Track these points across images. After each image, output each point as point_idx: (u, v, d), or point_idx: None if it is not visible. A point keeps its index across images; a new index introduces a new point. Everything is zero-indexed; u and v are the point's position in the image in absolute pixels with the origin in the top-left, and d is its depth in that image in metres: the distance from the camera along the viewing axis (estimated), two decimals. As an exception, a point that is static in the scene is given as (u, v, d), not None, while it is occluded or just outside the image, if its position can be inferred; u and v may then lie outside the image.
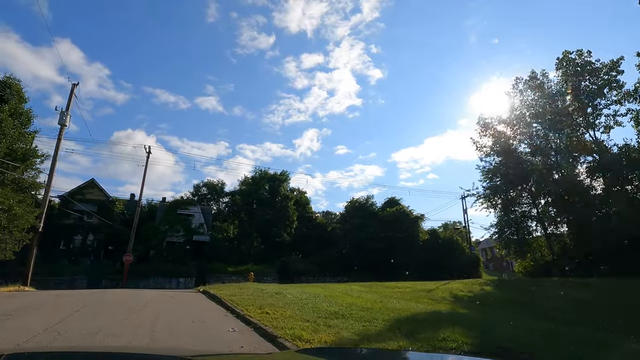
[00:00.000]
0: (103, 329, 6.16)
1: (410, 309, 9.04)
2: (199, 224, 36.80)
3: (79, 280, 27.53)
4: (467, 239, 44.70)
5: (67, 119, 18.68)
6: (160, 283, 29.84)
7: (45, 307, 8.88)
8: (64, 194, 32.91)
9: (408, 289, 16.80)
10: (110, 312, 8.42)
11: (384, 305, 9.47)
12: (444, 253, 39.82)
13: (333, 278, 36.88)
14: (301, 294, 12.11)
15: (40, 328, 6.11)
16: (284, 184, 45.42)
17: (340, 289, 15.31)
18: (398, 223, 39.73)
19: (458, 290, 16.12)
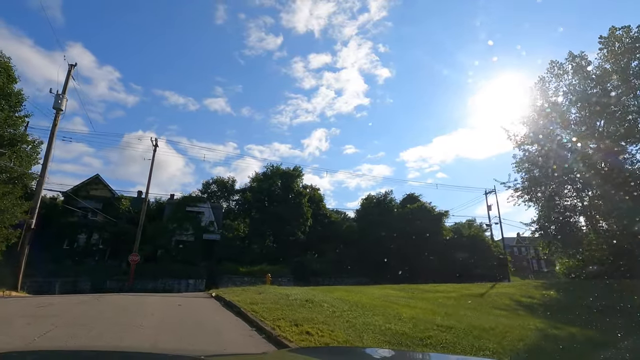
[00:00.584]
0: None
1: (509, 328, 6.65)
2: (208, 222, 34.75)
3: (83, 282, 25.67)
4: (491, 237, 41.95)
5: (63, 102, 16.67)
6: (168, 284, 27.83)
7: (7, 324, 6.67)
8: (68, 191, 31.15)
9: (453, 293, 14.40)
10: (97, 332, 6.20)
11: (462, 320, 7.13)
12: (469, 252, 37.15)
13: (351, 279, 34.55)
14: (338, 302, 9.81)
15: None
16: (297, 180, 43.16)
17: (377, 295, 12.97)
18: (419, 220, 37.20)
19: (516, 295, 13.63)
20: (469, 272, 35.48)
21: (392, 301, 10.66)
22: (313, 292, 13.28)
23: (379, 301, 10.36)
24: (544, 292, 14.31)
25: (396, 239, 36.20)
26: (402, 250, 35.64)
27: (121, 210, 32.27)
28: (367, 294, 13.37)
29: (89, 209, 31.35)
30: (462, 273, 35.21)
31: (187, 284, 28.40)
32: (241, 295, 12.45)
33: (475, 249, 37.61)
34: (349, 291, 14.51)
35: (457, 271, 35.35)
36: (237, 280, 30.05)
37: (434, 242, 36.17)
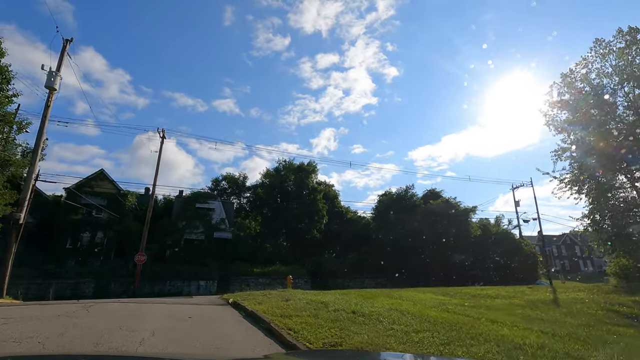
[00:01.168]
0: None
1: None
2: (219, 219, 32.65)
3: (85, 284, 23.73)
4: (520, 234, 39.05)
5: (56, 81, 14.60)
6: (177, 287, 25.75)
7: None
8: (70, 187, 29.31)
9: (515, 299, 11.91)
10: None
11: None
12: (498, 251, 34.39)
13: (372, 280, 32.14)
14: (395, 314, 7.52)
15: None
16: (311, 176, 40.85)
17: (430, 302, 10.60)
18: (444, 217, 34.54)
19: (598, 302, 11.07)
20: (502, 273, 32.77)
21: (461, 312, 8.27)
22: (350, 299, 10.95)
23: (449, 314, 7.98)
24: (631, 298, 11.70)
25: (418, 237, 33.61)
26: (425, 249, 33.07)
27: (127, 207, 30.34)
28: (415, 301, 10.99)
29: (93, 206, 29.48)
30: (495, 274, 32.51)
31: (197, 286, 26.32)
32: (265, 302, 10.18)
33: (504, 248, 34.82)
34: (390, 297, 12.13)
35: (488, 272, 32.68)
36: (250, 281, 27.89)
37: (461, 240, 33.50)
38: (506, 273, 33.18)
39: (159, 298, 17.51)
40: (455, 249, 33.18)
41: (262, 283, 28.10)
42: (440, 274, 31.66)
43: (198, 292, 26.09)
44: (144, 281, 24.96)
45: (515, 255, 34.78)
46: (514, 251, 35.11)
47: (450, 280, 30.77)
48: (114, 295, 23.81)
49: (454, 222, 34.09)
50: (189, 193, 33.40)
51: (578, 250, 73.63)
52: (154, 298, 18.18)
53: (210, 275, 27.17)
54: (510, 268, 33.93)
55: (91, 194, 29.27)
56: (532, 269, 35.40)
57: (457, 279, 31.40)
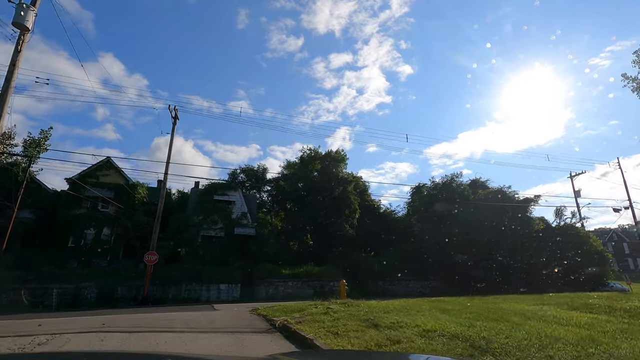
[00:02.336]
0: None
1: None
2: (240, 213, 28.71)
3: (88, 289, 20.06)
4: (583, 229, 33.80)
5: (29, 16, 10.71)
6: (195, 291, 21.87)
7: None
8: (73, 177, 25.81)
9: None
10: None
11: None
12: (563, 249, 29.36)
13: (418, 283, 27.65)
14: None
15: None
16: (340, 165, 36.52)
17: (571, 321, 6.21)
18: (499, 209, 29.75)
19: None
20: (569, 274, 27.81)
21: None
22: (462, 319, 6.61)
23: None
24: None
25: (469, 233, 28.90)
26: (477, 247, 28.34)
27: (137, 200, 26.66)
28: (548, 319, 6.66)
29: (98, 199, 25.91)
30: (560, 275, 27.59)
31: (217, 290, 22.36)
32: (341, 331, 5.96)
33: (569, 245, 29.76)
34: (508, 314, 7.72)
35: (552, 273, 27.74)
36: (279, 285, 23.80)
37: (520, 236, 28.65)
38: (572, 274, 28.19)
39: (172, 311, 13.52)
40: (513, 246, 28.36)
41: (293, 287, 23.99)
42: (495, 276, 26.95)
43: (219, 297, 22.14)
44: (155, 285, 21.17)
45: (582, 254, 29.68)
46: (580, 248, 30.00)
47: (513, 284, 26.04)
48: (120, 302, 20.08)
49: (511, 215, 29.27)
50: (206, 184, 29.52)
51: (626, 248, 67.24)
52: (166, 310, 14.22)
53: (231, 277, 23.19)
54: (575, 268, 28.89)
55: (96, 186, 25.71)
56: (600, 270, 30.23)
57: (523, 282, 26.66)
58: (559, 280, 27.99)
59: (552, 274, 27.36)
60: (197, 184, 31.99)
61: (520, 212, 29.75)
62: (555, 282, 27.68)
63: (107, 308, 18.82)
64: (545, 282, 27.10)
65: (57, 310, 17.99)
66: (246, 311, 12.02)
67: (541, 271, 27.42)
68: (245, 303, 20.62)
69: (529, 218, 29.62)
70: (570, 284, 27.48)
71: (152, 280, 20.86)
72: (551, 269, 27.06)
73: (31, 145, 28.76)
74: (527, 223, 28.91)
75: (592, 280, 28.74)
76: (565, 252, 29.41)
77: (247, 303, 20.52)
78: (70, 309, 18.07)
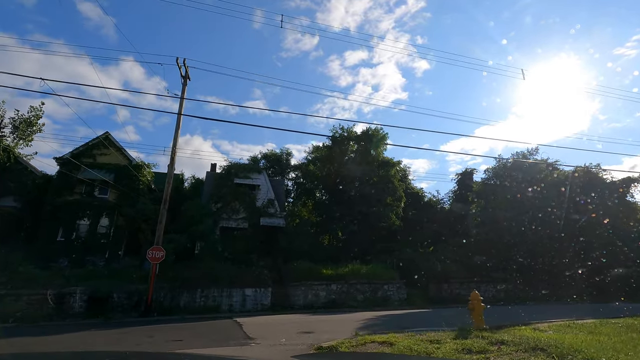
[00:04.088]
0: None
1: None
2: (266, 200, 23.57)
3: (76, 295, 15.22)
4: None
5: None
6: (213, 298, 16.84)
7: None
8: (65, 155, 21.13)
9: None
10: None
11: None
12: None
13: (490, 285, 21.96)
14: None
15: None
16: (381, 145, 30.99)
17: None
18: (585, 193, 23.71)
19: None
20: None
21: None
22: None
23: None
24: None
25: (548, 225, 22.99)
26: (560, 242, 22.42)
27: (142, 183, 21.81)
28: None
29: (95, 183, 21.17)
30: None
31: (242, 296, 17.27)
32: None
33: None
34: None
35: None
36: (320, 289, 18.56)
37: (616, 229, 22.57)
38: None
39: (175, 337, 8.24)
40: (607, 240, 22.32)
41: (337, 291, 18.70)
42: (583, 277, 21.05)
43: (244, 306, 17.04)
44: (163, 289, 16.24)
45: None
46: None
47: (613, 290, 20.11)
48: (118, 311, 15.19)
49: (602, 200, 23.20)
50: (225, 165, 24.42)
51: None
52: (165, 329, 9.03)
53: (260, 279, 18.07)
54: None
55: (93, 166, 20.96)
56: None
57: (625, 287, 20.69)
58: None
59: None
60: (213, 167, 27.01)
61: (614, 196, 23.61)
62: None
63: (96, 320, 13.98)
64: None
65: (32, 323, 13.23)
66: (305, 344, 6.71)
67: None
68: (280, 314, 15.43)
69: (628, 204, 23.45)
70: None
71: (159, 283, 15.92)
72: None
73: (21, 125, 24.36)
74: (628, 208, 22.77)
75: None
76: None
77: (283, 315, 15.32)
78: (45, 323, 13.25)
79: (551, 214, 22.70)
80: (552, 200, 22.39)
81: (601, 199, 22.60)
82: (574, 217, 21.79)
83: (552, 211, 22.71)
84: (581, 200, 22.81)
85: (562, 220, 21.13)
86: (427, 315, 13.53)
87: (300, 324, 10.67)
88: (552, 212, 22.73)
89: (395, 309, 17.90)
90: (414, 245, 26.87)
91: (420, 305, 18.31)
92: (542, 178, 24.49)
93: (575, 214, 21.97)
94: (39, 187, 21.31)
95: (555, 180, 23.37)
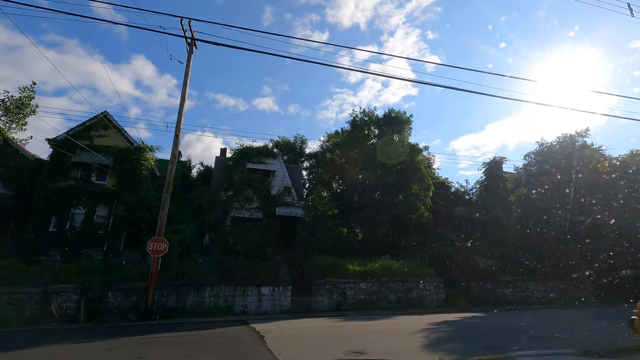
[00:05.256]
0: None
1: None
2: (282, 188, 21.08)
3: (64, 295, 12.96)
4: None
5: None
6: (225, 298, 14.44)
7: None
8: (58, 137, 18.90)
9: None
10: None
11: None
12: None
13: (540, 285, 19.16)
14: None
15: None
16: (405, 129, 28.26)
17: None
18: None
19: None
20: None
21: None
22: None
23: None
24: None
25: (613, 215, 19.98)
26: (628, 235, 19.43)
27: (144, 168, 19.48)
28: None
29: (93, 167, 18.92)
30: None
31: (258, 295, 14.83)
32: None
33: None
34: None
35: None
36: (347, 287, 16.03)
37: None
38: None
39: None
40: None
41: (366, 291, 16.15)
42: None
43: (259, 307, 14.62)
44: (167, 288, 13.91)
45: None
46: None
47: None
48: (113, 316, 12.88)
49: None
50: (236, 149, 21.94)
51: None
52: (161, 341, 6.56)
53: (277, 276, 15.63)
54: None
55: (89, 149, 18.67)
56: None
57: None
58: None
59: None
60: (223, 152, 24.61)
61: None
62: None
63: (86, 324, 11.69)
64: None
65: (5, 327, 10.99)
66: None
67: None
68: (305, 319, 12.95)
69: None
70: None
71: (161, 280, 13.59)
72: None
73: (12, 106, 22.26)
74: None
75: None
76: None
77: (308, 319, 12.83)
78: (22, 328, 10.98)
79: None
80: (610, 189, 19.45)
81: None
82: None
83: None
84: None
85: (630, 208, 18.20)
86: (491, 323, 10.89)
87: (342, 337, 8.16)
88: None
89: (435, 311, 15.31)
90: (445, 239, 24.14)
91: (465, 308, 15.67)
92: (593, 164, 21.47)
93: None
94: (30, 173, 19.13)
95: (616, 167, 20.36)
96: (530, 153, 23.75)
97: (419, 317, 13.03)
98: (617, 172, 20.91)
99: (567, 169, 21.40)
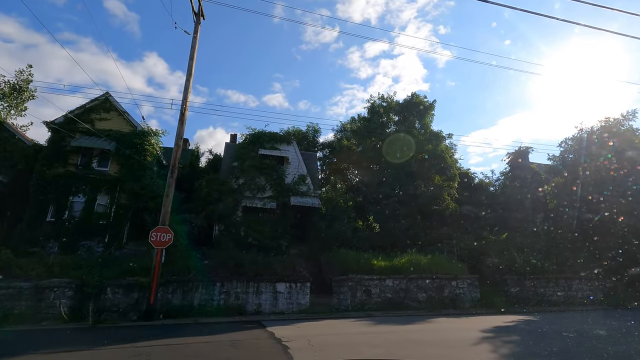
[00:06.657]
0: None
1: None
2: (297, 176, 19.43)
3: (57, 291, 11.58)
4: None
5: None
6: (236, 295, 12.91)
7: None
8: (57, 120, 17.51)
9: None
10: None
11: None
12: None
13: (586, 283, 17.22)
14: None
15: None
16: (428, 114, 26.34)
17: None
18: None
19: None
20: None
21: None
22: None
23: None
24: None
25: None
26: None
27: (149, 153, 18.00)
28: None
29: (94, 152, 17.52)
30: None
31: (273, 292, 13.26)
32: None
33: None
34: None
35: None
36: (372, 285, 14.37)
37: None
38: None
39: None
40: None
41: (393, 289, 14.45)
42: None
43: (275, 306, 13.06)
44: (171, 284, 12.41)
45: None
46: None
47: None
48: (111, 314, 11.42)
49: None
50: (248, 134, 20.28)
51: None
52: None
53: (294, 271, 14.05)
54: None
55: (90, 134, 17.27)
56: None
57: None
58: None
59: None
60: (233, 138, 23.06)
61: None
62: None
63: (80, 324, 10.23)
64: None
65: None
66: None
67: None
68: (328, 320, 11.31)
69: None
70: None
71: (166, 275, 12.11)
72: None
73: (8, 91, 21.00)
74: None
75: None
76: None
77: (331, 321, 11.18)
78: (7, 329, 9.54)
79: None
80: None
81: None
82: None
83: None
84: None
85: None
86: (559, 329, 9.10)
87: (383, 347, 6.50)
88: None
89: (471, 312, 13.58)
90: (473, 232, 22.27)
91: (504, 309, 13.87)
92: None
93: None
94: (28, 159, 17.81)
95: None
96: (567, 139, 21.64)
97: (459, 320, 11.30)
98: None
99: (619, 152, 19.21)
